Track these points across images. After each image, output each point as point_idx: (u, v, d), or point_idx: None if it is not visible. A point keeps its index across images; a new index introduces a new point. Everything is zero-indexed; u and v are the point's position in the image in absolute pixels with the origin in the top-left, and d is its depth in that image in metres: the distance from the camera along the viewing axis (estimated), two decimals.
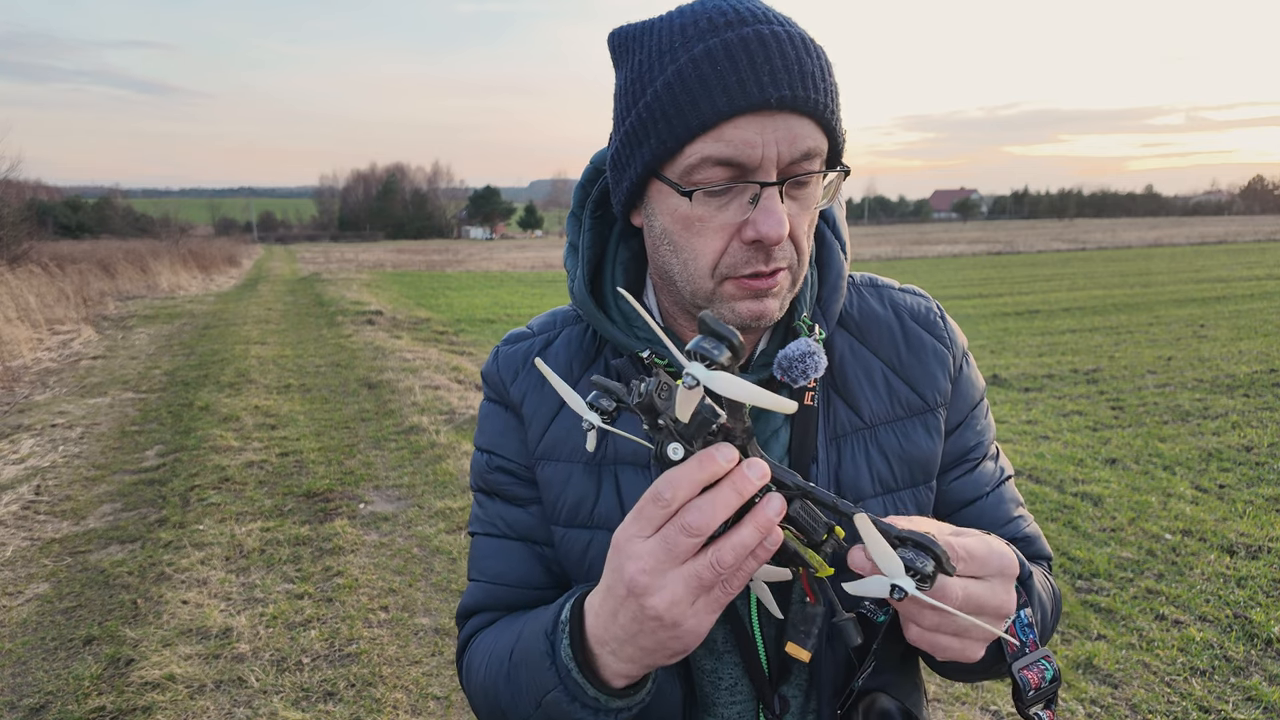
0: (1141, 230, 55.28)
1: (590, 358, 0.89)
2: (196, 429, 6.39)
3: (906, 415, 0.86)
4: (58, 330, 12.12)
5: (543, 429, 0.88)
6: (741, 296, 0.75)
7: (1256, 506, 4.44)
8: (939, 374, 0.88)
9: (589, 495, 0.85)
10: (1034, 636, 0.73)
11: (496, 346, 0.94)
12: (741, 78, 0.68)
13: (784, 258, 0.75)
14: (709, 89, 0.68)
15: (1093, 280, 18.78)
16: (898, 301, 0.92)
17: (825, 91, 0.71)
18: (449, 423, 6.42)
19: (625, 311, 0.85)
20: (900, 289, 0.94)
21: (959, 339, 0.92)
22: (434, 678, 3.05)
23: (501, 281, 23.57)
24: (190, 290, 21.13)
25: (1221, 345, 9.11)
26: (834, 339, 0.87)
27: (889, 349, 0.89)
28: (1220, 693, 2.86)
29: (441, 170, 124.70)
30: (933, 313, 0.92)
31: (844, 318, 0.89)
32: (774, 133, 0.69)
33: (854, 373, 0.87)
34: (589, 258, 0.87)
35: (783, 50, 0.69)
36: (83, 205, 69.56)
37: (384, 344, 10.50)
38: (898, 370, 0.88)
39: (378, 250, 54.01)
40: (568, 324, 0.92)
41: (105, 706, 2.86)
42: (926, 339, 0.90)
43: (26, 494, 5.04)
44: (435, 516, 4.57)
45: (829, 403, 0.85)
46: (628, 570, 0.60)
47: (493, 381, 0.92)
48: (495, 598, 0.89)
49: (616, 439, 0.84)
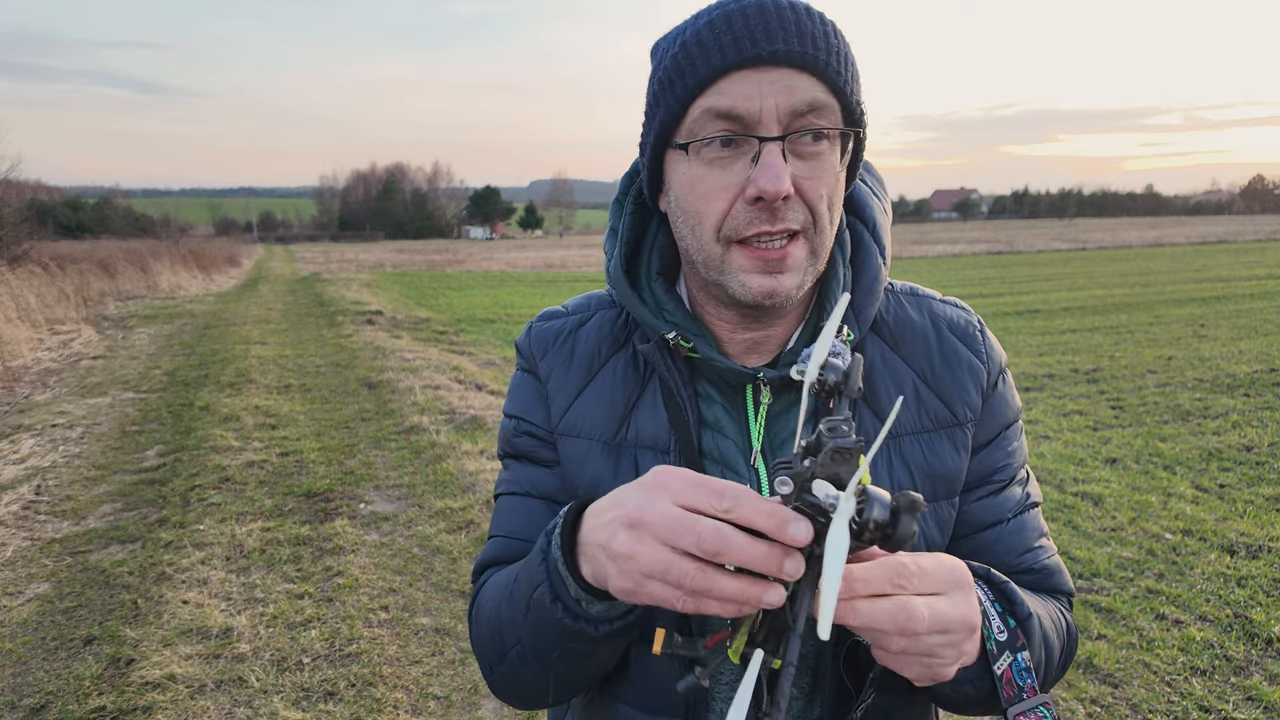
0: (1142, 230, 55.30)
1: (620, 342, 0.90)
2: (197, 429, 6.39)
3: (934, 428, 0.84)
4: (58, 330, 12.12)
5: (565, 406, 0.89)
6: (752, 269, 0.75)
7: (1257, 506, 4.44)
8: (971, 388, 0.86)
9: (606, 474, 0.86)
10: (1032, 681, 0.71)
11: (531, 322, 0.96)
12: (736, 36, 0.70)
13: (793, 218, 0.73)
14: (706, 51, 0.72)
15: (1093, 280, 18.78)
16: (936, 311, 0.90)
17: (828, 50, 0.71)
18: (449, 423, 6.42)
19: (657, 295, 0.86)
20: (942, 300, 0.92)
21: (997, 355, 0.90)
22: (434, 678, 3.05)
23: (501, 281, 23.57)
24: (190, 290, 21.13)
25: (1222, 345, 9.11)
26: (866, 345, 0.86)
27: (922, 359, 0.86)
28: (1220, 692, 2.86)
29: (441, 170, 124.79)
30: (972, 326, 0.90)
31: (879, 324, 0.88)
32: (771, 85, 0.70)
33: (883, 381, 0.85)
34: (627, 239, 0.88)
35: (780, 14, 0.71)
36: (83, 205, 69.59)
37: (384, 344, 10.50)
38: (929, 381, 0.86)
39: (378, 250, 54.03)
40: (602, 307, 0.94)
41: (106, 706, 2.86)
42: (962, 351, 0.87)
43: (27, 494, 5.04)
44: (435, 516, 4.57)
45: (856, 408, 0.83)
46: (637, 505, 0.60)
47: (525, 353, 0.94)
48: (513, 551, 0.90)
49: (637, 422, 0.85)
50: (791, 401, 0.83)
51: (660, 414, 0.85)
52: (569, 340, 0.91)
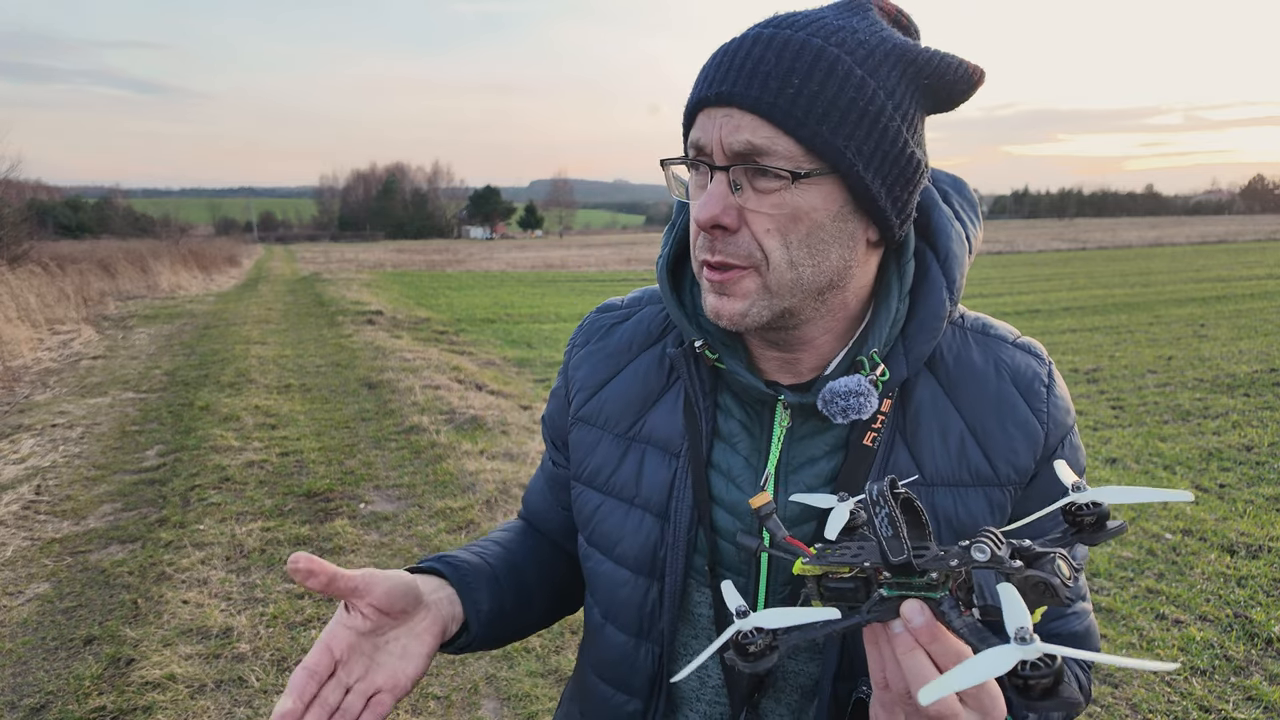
0: (1142, 230, 55.30)
1: (653, 339, 0.92)
2: (197, 429, 6.39)
3: (972, 483, 0.79)
4: (58, 330, 12.12)
5: (589, 395, 0.93)
6: (708, 288, 0.77)
7: (1257, 506, 4.44)
8: (1021, 449, 0.79)
9: (610, 463, 0.89)
10: None
11: (590, 313, 1.00)
12: (707, 75, 0.73)
13: (734, 254, 0.72)
14: (694, 87, 0.76)
15: (1093, 280, 18.78)
16: (1002, 357, 0.83)
17: (779, 92, 0.68)
18: (449, 423, 6.42)
19: (697, 299, 0.85)
20: (1014, 343, 0.84)
21: (1063, 416, 0.81)
22: (434, 678, 3.05)
23: (502, 281, 23.57)
24: (190, 290, 21.12)
25: (1222, 345, 9.10)
26: (917, 383, 0.81)
27: (974, 407, 0.80)
28: (1220, 692, 2.86)
29: (441, 170, 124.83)
30: (1039, 380, 0.82)
31: (937, 361, 0.82)
32: (719, 121, 0.72)
33: (929, 425, 0.80)
34: (678, 238, 0.89)
35: (750, 51, 0.70)
36: (83, 205, 69.61)
37: (384, 344, 10.50)
38: (976, 433, 0.80)
39: (378, 250, 54.03)
40: (651, 302, 0.96)
41: (106, 706, 2.86)
42: (1020, 406, 0.80)
43: (27, 494, 5.04)
44: (435, 516, 4.57)
45: (892, 447, 0.79)
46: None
47: (569, 345, 0.99)
48: (527, 505, 1.07)
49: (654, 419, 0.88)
50: (816, 429, 0.81)
51: (678, 417, 0.86)
52: (609, 334, 0.95)
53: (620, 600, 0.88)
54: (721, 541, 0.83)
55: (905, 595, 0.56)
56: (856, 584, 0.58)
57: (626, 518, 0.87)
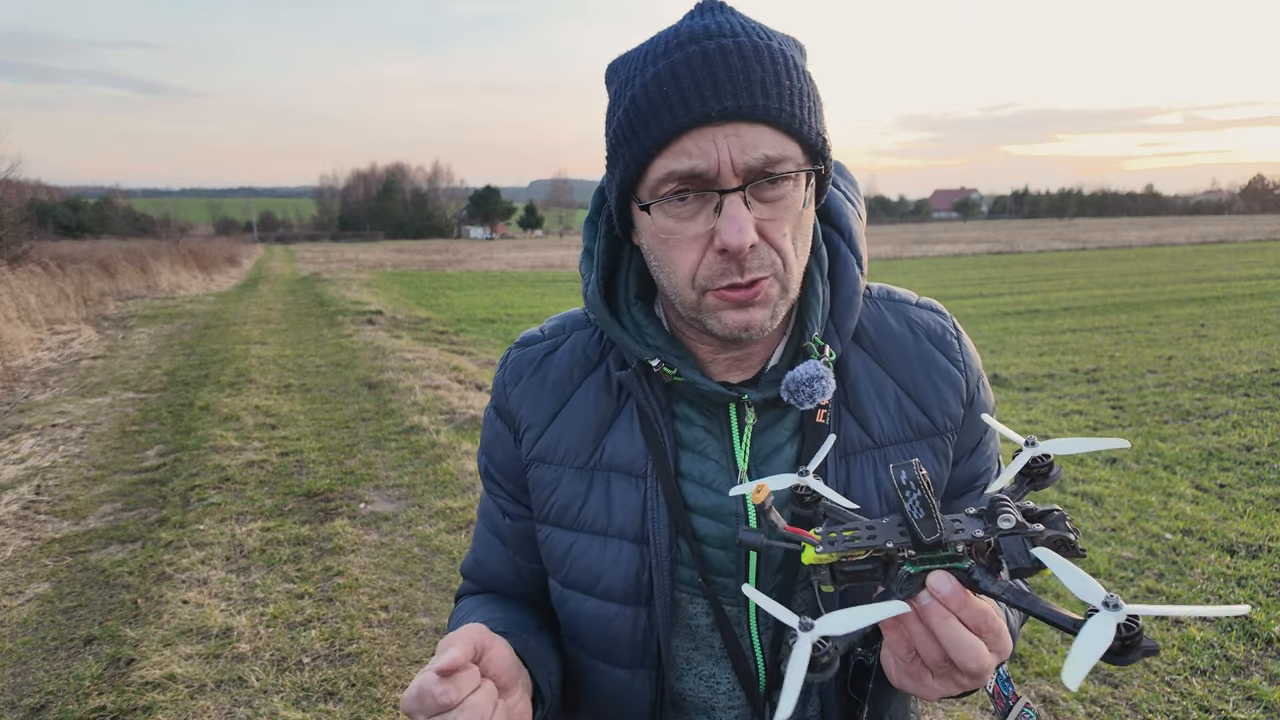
0: (1142, 230, 55.30)
1: (593, 363, 0.89)
2: (197, 429, 6.39)
3: (915, 437, 0.85)
4: (58, 330, 12.12)
5: (539, 432, 0.89)
6: (725, 307, 0.75)
7: (1257, 506, 4.44)
8: (950, 398, 0.87)
9: (577, 497, 0.86)
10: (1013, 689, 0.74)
11: (509, 349, 0.95)
12: (684, 94, 0.69)
13: (761, 267, 0.73)
14: (658, 112, 0.70)
15: (1093, 280, 18.78)
16: (913, 318, 0.90)
17: (779, 95, 0.70)
18: (449, 422, 6.42)
19: (636, 319, 0.85)
20: (917, 304, 0.93)
21: (974, 362, 0.90)
22: None
23: (502, 281, 23.57)
24: (190, 290, 21.13)
25: (1222, 345, 9.10)
26: (849, 356, 0.86)
27: (902, 368, 0.87)
28: (1220, 692, 2.86)
29: (441, 170, 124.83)
30: (949, 333, 0.90)
31: (860, 334, 0.88)
32: (725, 139, 0.69)
33: (867, 391, 0.85)
34: (603, 263, 0.86)
35: (727, 62, 0.69)
36: (83, 205, 69.60)
37: (384, 344, 10.50)
38: (909, 391, 0.86)
39: (378, 250, 54.02)
40: (577, 328, 0.93)
41: (106, 706, 2.86)
42: (940, 360, 0.88)
43: (27, 494, 5.04)
44: (435, 516, 4.57)
45: (840, 419, 0.84)
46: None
47: (496, 387, 0.94)
48: (476, 576, 0.99)
49: (611, 445, 0.86)
50: (775, 418, 0.83)
51: (636, 438, 0.85)
52: (541, 365, 0.91)
53: (610, 635, 0.86)
54: (706, 548, 0.83)
55: (929, 569, 0.58)
56: (875, 565, 0.60)
57: (605, 550, 0.84)
